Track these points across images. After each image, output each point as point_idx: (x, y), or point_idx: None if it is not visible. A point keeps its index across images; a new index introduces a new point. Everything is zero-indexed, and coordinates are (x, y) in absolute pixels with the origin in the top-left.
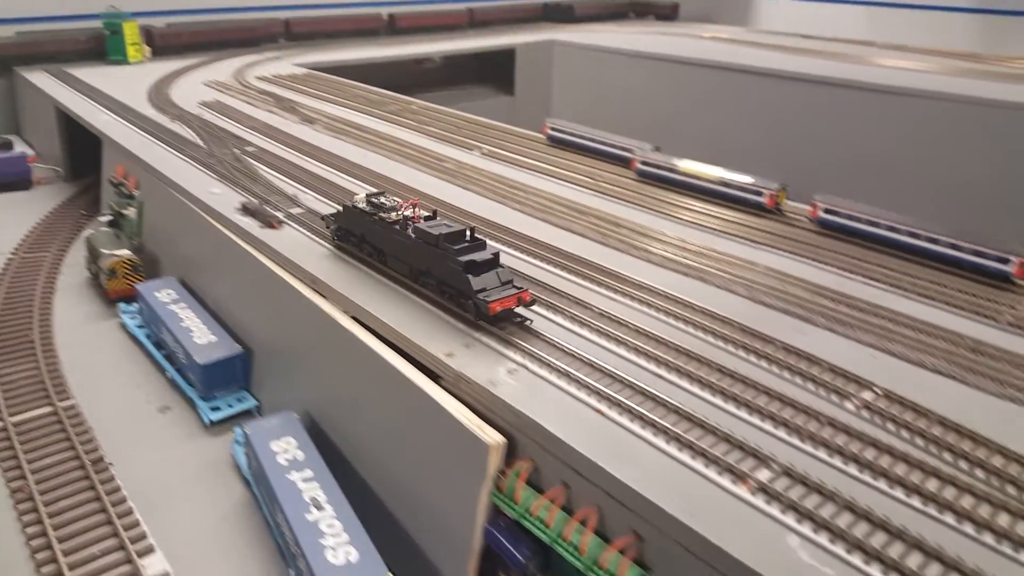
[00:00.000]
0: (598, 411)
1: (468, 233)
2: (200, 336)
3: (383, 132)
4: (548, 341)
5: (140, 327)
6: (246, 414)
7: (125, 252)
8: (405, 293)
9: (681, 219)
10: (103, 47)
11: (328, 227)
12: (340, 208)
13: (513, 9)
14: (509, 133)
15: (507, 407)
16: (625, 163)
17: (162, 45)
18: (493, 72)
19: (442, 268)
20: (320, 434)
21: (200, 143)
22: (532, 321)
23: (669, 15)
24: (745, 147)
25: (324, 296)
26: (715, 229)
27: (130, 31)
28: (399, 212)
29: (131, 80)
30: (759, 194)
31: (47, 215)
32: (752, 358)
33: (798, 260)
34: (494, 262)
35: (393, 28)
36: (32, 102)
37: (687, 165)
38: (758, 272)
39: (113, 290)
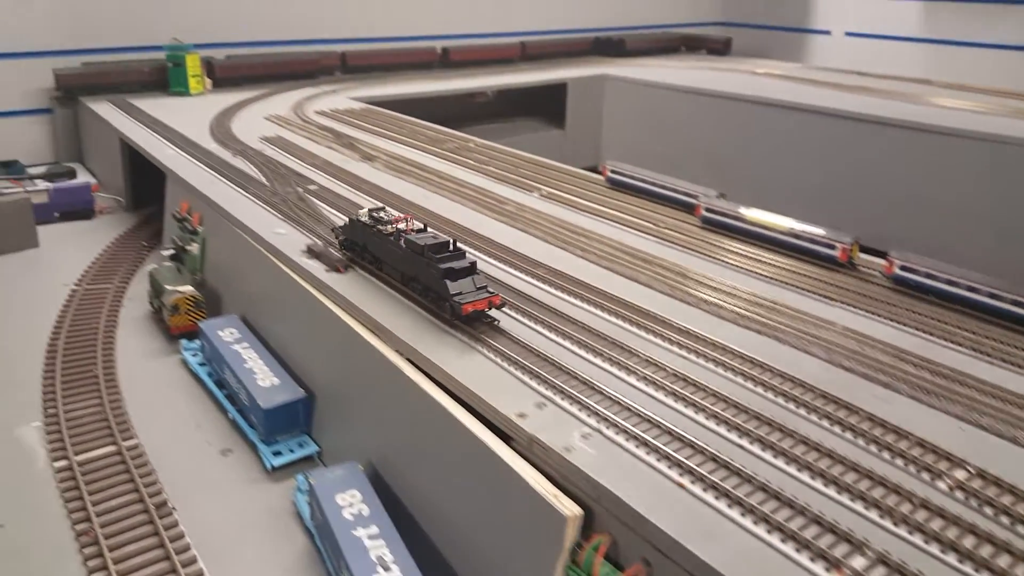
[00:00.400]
0: (680, 485)
1: (451, 244)
2: (263, 378)
3: (442, 171)
4: (622, 404)
5: (201, 364)
6: (307, 459)
7: (188, 288)
8: (474, 345)
9: (750, 271)
10: (165, 78)
11: (336, 237)
12: (347, 220)
13: (564, 43)
14: (567, 174)
15: (583, 476)
16: (688, 208)
17: (222, 77)
18: (544, 105)
19: (426, 274)
20: (384, 487)
21: (264, 180)
22: (499, 321)
23: (721, 50)
24: (799, 186)
25: (390, 345)
26: (786, 283)
27: (192, 63)
28: (393, 225)
29: (193, 113)
30: (832, 247)
31: (109, 245)
32: (836, 429)
33: (876, 320)
34: (471, 270)
35: (446, 61)
36: (96, 132)
37: (754, 214)
38: (835, 332)
39: (175, 326)
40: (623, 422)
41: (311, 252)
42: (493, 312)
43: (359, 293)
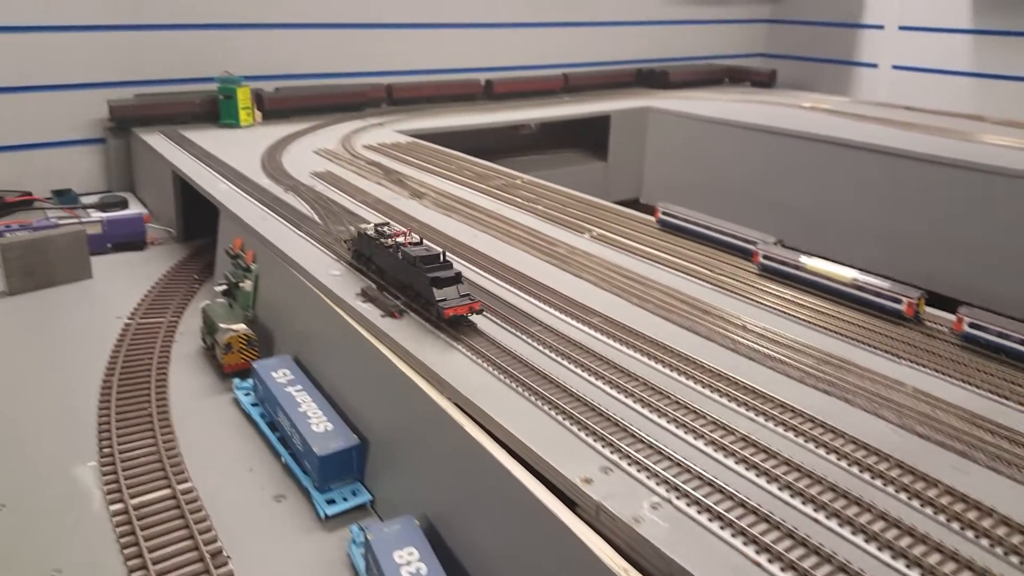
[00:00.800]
0: (756, 563)
1: (440, 257)
2: (317, 423)
3: (491, 210)
4: (692, 471)
5: (254, 405)
6: (359, 508)
7: (242, 327)
8: (536, 403)
9: (813, 323)
10: (216, 110)
11: (348, 249)
12: (357, 234)
13: (607, 74)
14: (617, 214)
15: (654, 550)
16: (743, 254)
17: (271, 109)
18: (587, 137)
19: (418, 282)
20: (440, 543)
21: (316, 218)
22: (476, 324)
23: (766, 82)
24: (845, 224)
25: (447, 396)
26: (851, 337)
27: (243, 96)
28: (394, 238)
29: (243, 146)
30: (897, 301)
31: (161, 278)
32: (915, 503)
33: (946, 381)
34: (456, 279)
35: (490, 93)
36: (148, 162)
37: (815, 264)
38: (906, 395)
39: (228, 364)
40: (693, 492)
41: (366, 295)
42: (473, 317)
43: (415, 340)
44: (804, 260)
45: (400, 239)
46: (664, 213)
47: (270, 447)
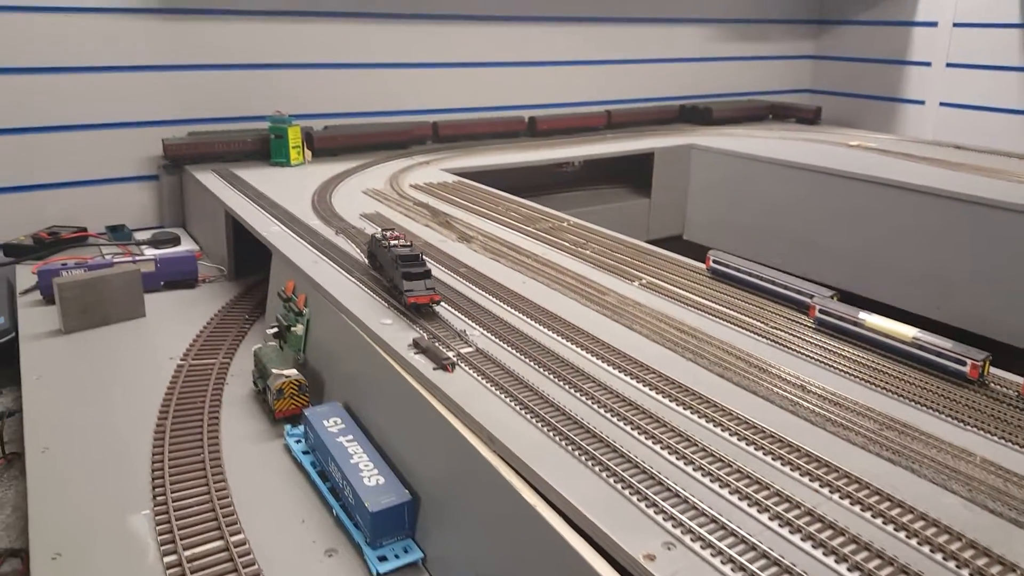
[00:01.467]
0: None
1: (419, 257)
2: (369, 476)
3: (538, 254)
4: (758, 549)
5: (305, 453)
6: (412, 566)
7: (293, 372)
8: (592, 468)
9: (873, 383)
10: (267, 148)
11: (365, 255)
12: (371, 237)
13: (650, 111)
14: (666, 260)
15: None
16: (798, 306)
17: (320, 148)
18: (630, 174)
19: (396, 276)
20: None
21: (366, 262)
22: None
23: (811, 119)
24: (895, 266)
25: (500, 455)
26: (914, 400)
27: (293, 135)
28: (389, 240)
29: (294, 185)
30: (961, 363)
31: (213, 317)
32: None
33: (1016, 451)
34: (426, 275)
35: (533, 130)
36: (200, 200)
37: (874, 320)
38: (975, 466)
39: (280, 410)
40: (760, 572)
41: (418, 346)
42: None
43: (468, 395)
44: (863, 316)
45: (394, 241)
46: (715, 261)
47: (321, 497)
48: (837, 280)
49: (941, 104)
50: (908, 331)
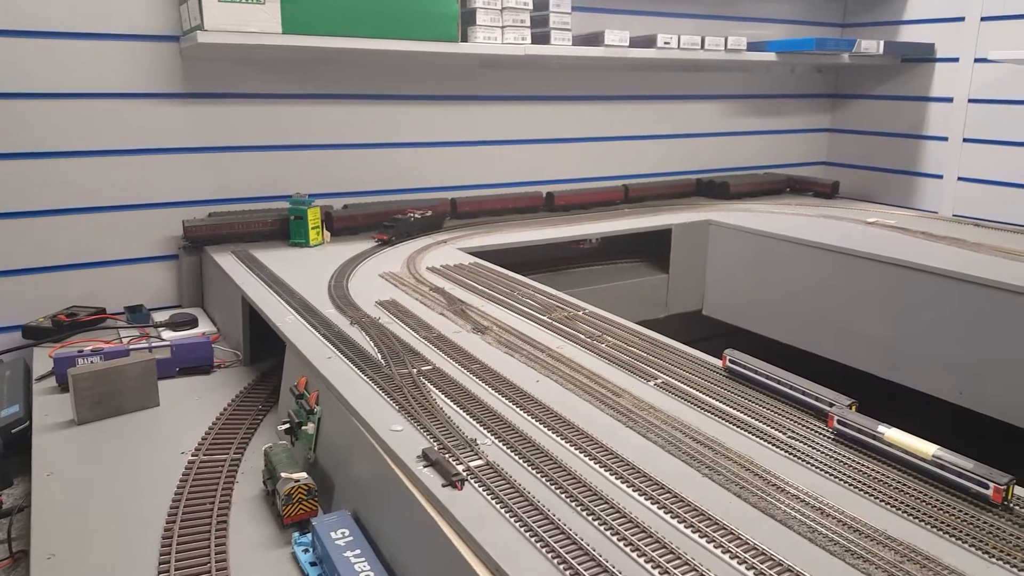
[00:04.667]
0: None
1: None
2: None
3: (554, 349)
4: None
5: (312, 564)
6: None
7: (303, 476)
8: None
9: (894, 505)
10: (286, 228)
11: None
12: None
13: (667, 185)
14: (682, 356)
15: None
16: (815, 412)
17: (339, 227)
18: (648, 249)
19: None
20: None
21: (379, 358)
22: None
23: (828, 193)
24: (914, 349)
25: None
26: (935, 526)
27: (313, 216)
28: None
29: (311, 268)
30: (984, 486)
31: (227, 407)
32: None
33: None
34: None
35: (551, 206)
36: (218, 282)
37: (894, 435)
38: None
39: (288, 515)
40: None
41: (427, 458)
42: None
43: (476, 518)
44: (882, 430)
45: None
46: (732, 361)
47: None
48: (857, 361)
49: (959, 179)
50: (928, 448)
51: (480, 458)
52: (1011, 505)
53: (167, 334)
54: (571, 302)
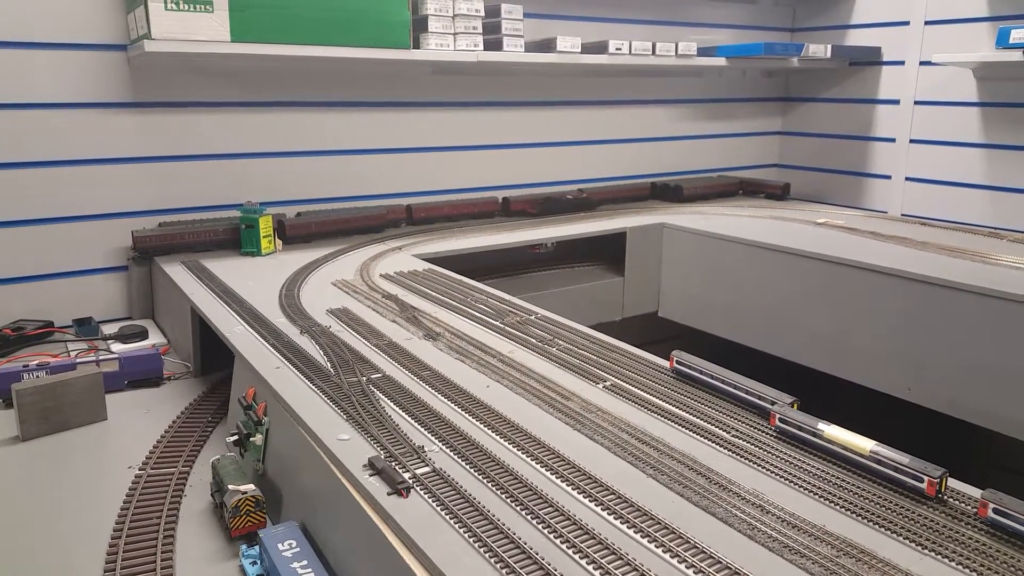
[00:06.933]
0: None
1: None
2: None
3: (504, 354)
4: None
5: None
6: None
7: (250, 488)
8: None
9: (832, 501)
10: (238, 237)
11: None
12: None
13: (622, 189)
14: (631, 358)
15: None
16: (758, 412)
17: (292, 235)
18: (603, 253)
19: None
20: None
21: (328, 367)
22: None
23: (779, 195)
24: (864, 346)
25: None
26: (872, 520)
27: (265, 225)
28: None
29: (263, 277)
30: (918, 479)
31: (176, 419)
32: None
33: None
34: None
35: (507, 210)
36: (168, 294)
37: (833, 432)
38: None
39: (236, 528)
40: None
41: (373, 467)
42: None
43: (422, 527)
44: (822, 427)
45: None
46: (679, 362)
47: None
48: (809, 359)
49: (907, 179)
50: (866, 444)
51: (427, 465)
52: (944, 498)
53: (116, 346)
54: (524, 307)
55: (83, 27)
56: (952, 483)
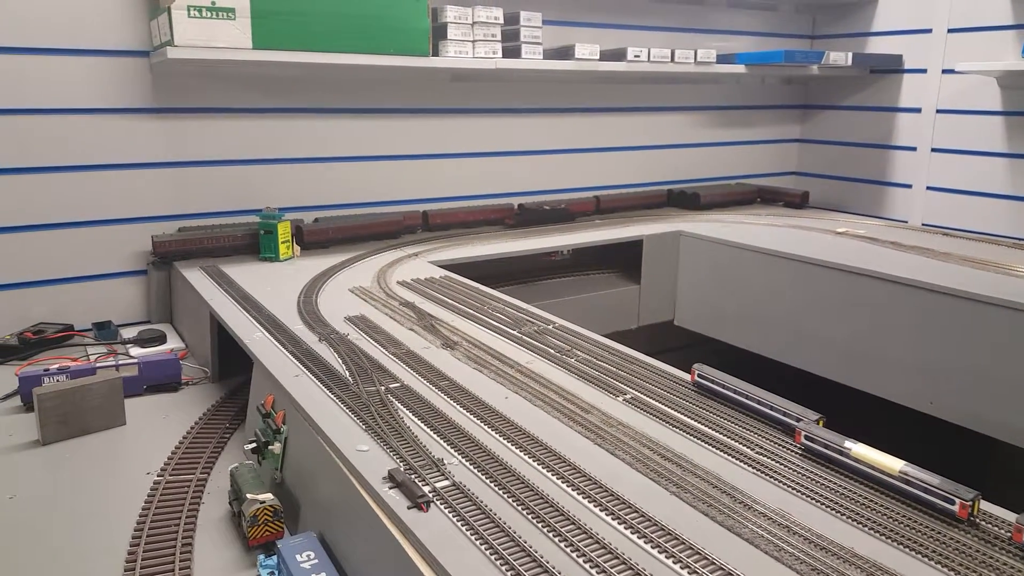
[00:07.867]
0: None
1: None
2: None
3: (523, 364)
4: None
5: None
6: None
7: (268, 497)
8: None
9: (860, 522)
10: (256, 242)
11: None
12: None
13: (639, 196)
14: (652, 370)
15: None
16: (782, 428)
17: (310, 241)
18: (620, 260)
19: None
20: None
21: (347, 375)
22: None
23: (798, 203)
24: (885, 358)
25: None
26: (901, 543)
27: (283, 230)
28: None
29: (281, 283)
30: (950, 501)
31: (194, 425)
32: None
33: None
34: None
35: (523, 217)
36: (187, 298)
37: (860, 450)
38: None
39: (253, 537)
40: None
41: (393, 480)
42: None
43: (442, 542)
44: (849, 445)
45: None
46: (700, 376)
47: None
48: (827, 370)
49: (928, 188)
50: (895, 464)
51: (447, 479)
52: (977, 521)
53: (135, 351)
54: (541, 316)
55: (107, 34)
56: (984, 506)
